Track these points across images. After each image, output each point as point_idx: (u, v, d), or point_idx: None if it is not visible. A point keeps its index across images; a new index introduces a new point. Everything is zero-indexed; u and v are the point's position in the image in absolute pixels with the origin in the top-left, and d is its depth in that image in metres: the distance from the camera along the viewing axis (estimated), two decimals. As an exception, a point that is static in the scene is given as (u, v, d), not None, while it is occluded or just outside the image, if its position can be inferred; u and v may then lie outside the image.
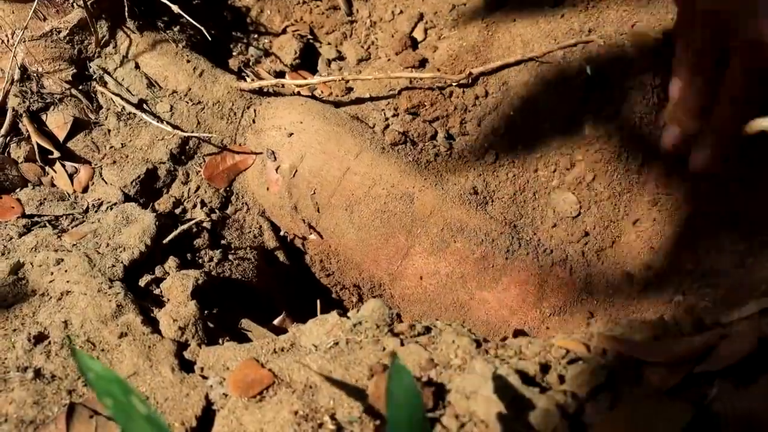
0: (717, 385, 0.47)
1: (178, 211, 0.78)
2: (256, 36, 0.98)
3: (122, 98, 0.81)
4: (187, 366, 0.57)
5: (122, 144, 0.81)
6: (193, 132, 0.81)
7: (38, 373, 0.55)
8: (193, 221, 0.72)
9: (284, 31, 0.98)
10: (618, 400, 0.47)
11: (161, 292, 0.66)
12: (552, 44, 0.83)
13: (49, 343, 0.58)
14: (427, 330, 0.56)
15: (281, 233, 0.81)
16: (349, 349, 0.53)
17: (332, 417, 0.49)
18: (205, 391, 0.53)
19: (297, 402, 0.50)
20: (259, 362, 0.54)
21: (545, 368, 0.51)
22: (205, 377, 0.55)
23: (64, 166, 0.78)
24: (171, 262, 0.69)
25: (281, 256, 0.80)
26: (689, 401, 0.47)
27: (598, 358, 0.52)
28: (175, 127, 0.80)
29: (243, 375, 0.53)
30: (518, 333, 0.72)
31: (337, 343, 0.54)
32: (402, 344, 0.53)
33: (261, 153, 0.82)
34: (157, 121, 0.79)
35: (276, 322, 0.70)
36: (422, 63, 0.91)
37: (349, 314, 0.57)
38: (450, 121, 0.85)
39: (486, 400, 0.47)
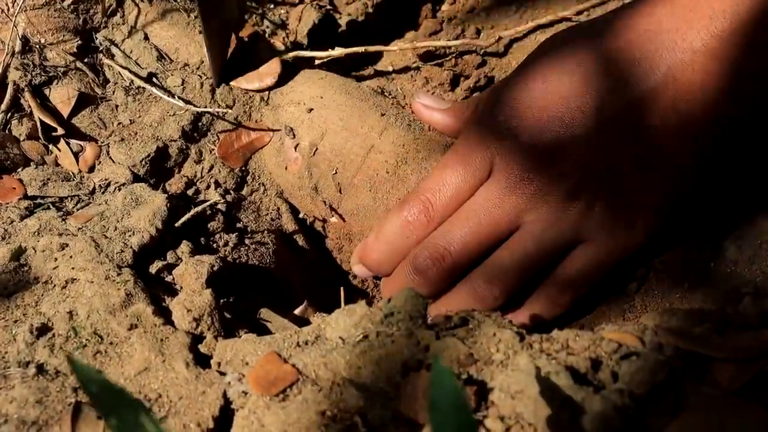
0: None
1: (190, 192, 0.74)
2: (272, 6, 0.94)
3: (131, 71, 0.76)
4: (202, 360, 0.53)
5: (131, 120, 0.76)
6: (206, 107, 0.76)
7: (41, 369, 0.51)
8: (208, 203, 0.68)
9: (301, 1, 0.93)
10: (682, 401, 0.43)
11: (173, 279, 0.62)
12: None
13: (53, 335, 0.54)
14: (464, 322, 0.52)
15: (300, 216, 0.77)
16: (380, 343, 0.49)
17: (363, 418, 0.44)
18: (223, 388, 0.49)
19: (324, 401, 0.46)
20: (282, 357, 0.50)
21: (596, 364, 0.47)
22: (222, 373, 0.51)
23: (68, 143, 0.74)
24: (184, 247, 0.65)
25: (300, 240, 0.76)
26: (762, 402, 0.42)
27: (656, 353, 0.47)
28: (187, 102, 0.75)
29: (264, 371, 0.49)
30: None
31: (366, 337, 0.50)
32: (438, 337, 0.49)
33: (278, 130, 0.78)
34: (168, 96, 0.74)
35: (297, 311, 0.66)
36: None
37: (379, 304, 0.53)
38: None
39: (534, 400, 0.43)
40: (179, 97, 0.75)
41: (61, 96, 0.75)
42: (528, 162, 0.62)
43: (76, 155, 0.73)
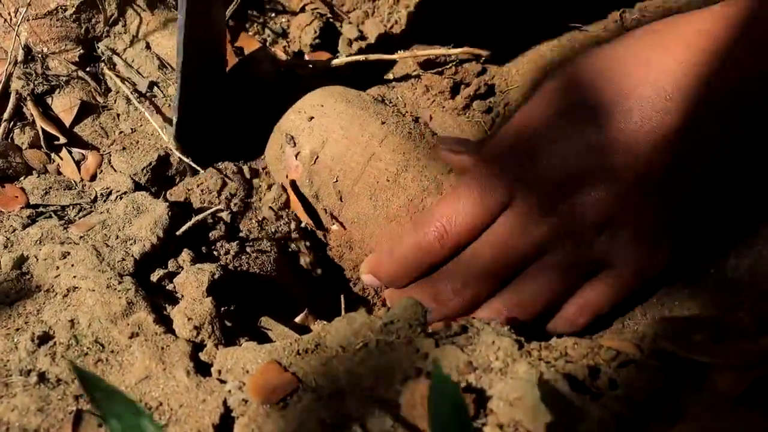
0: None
1: (193, 199, 0.74)
2: (273, 15, 0.94)
3: (131, 82, 0.77)
4: (203, 369, 0.53)
5: (132, 129, 0.77)
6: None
7: (42, 377, 0.51)
8: (209, 211, 0.68)
9: (302, 10, 0.94)
10: (680, 409, 0.43)
11: (175, 287, 0.62)
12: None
13: (55, 343, 0.54)
14: (464, 329, 0.52)
15: (301, 224, 0.77)
16: (380, 352, 0.49)
17: (363, 426, 0.45)
18: (223, 396, 0.50)
19: (324, 410, 0.46)
20: (282, 365, 0.50)
21: (594, 372, 0.47)
22: (222, 381, 0.51)
23: (70, 152, 0.74)
24: (185, 256, 0.65)
25: (301, 247, 0.76)
26: (760, 410, 0.42)
27: (654, 360, 0.47)
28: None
29: (264, 379, 0.49)
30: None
31: (366, 345, 0.50)
32: (437, 345, 0.49)
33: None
34: (154, 115, 0.75)
35: (298, 319, 0.66)
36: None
37: (378, 313, 0.53)
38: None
39: (532, 407, 0.43)
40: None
41: (63, 105, 0.75)
42: (552, 192, 0.62)
43: (77, 164, 0.74)
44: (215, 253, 0.69)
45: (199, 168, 0.75)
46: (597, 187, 0.61)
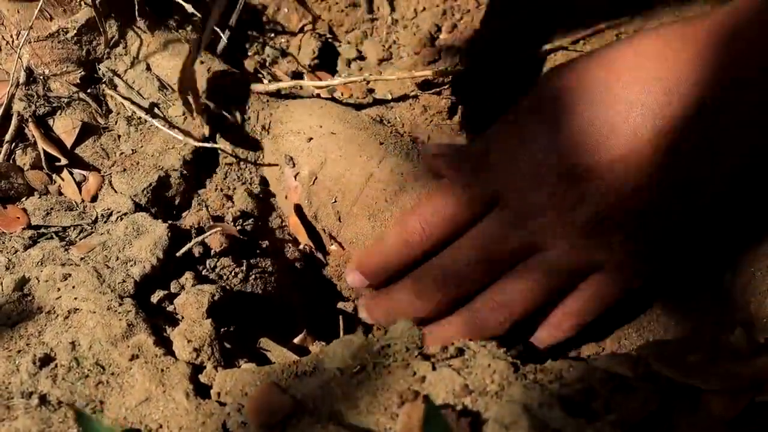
0: (782, 415, 0.43)
1: (197, 219, 0.75)
2: (272, 35, 0.95)
3: (132, 102, 0.77)
4: (202, 391, 0.54)
5: (133, 150, 0.77)
6: (208, 144, 0.77)
7: (44, 399, 0.52)
8: (209, 234, 0.68)
9: (302, 30, 0.94)
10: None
11: (175, 309, 0.63)
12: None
13: (56, 366, 0.55)
14: (460, 352, 0.52)
15: (300, 244, 0.77)
16: (377, 374, 0.50)
17: (360, 449, 0.45)
18: (223, 418, 0.50)
19: (322, 432, 0.47)
20: (280, 387, 0.51)
21: (590, 395, 0.47)
22: (222, 403, 0.52)
23: (71, 173, 0.75)
24: (187, 276, 0.65)
25: (301, 267, 0.76)
26: (753, 434, 0.43)
27: (648, 383, 0.48)
28: (186, 134, 0.76)
29: (263, 401, 0.50)
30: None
31: (363, 367, 0.50)
32: (434, 368, 0.50)
33: (276, 165, 0.79)
34: (169, 128, 0.75)
35: (296, 340, 0.67)
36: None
37: (375, 335, 0.54)
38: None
39: (527, 431, 0.43)
40: (180, 129, 0.76)
41: (65, 126, 0.76)
42: (542, 191, 0.61)
43: (78, 185, 0.74)
44: (217, 274, 0.69)
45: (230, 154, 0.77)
46: (588, 192, 0.61)
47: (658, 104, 0.58)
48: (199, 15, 0.79)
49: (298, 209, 0.77)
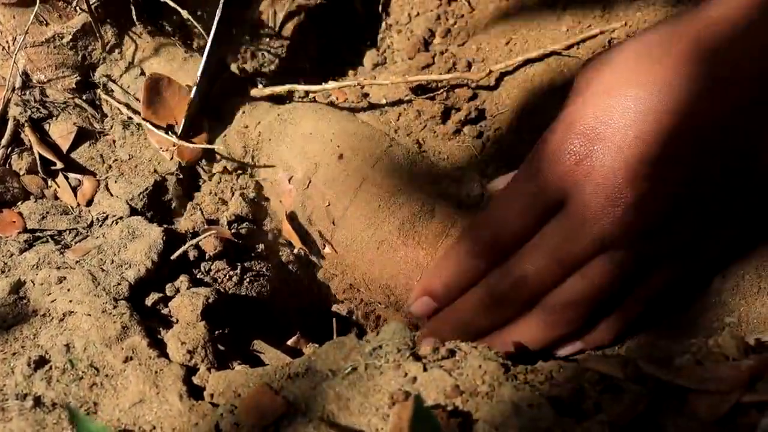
0: (768, 415, 0.43)
1: (193, 224, 0.75)
2: (267, 40, 0.95)
3: (128, 107, 0.78)
4: (196, 392, 0.54)
5: (128, 154, 0.78)
6: (201, 145, 0.78)
7: (38, 401, 0.52)
8: (203, 237, 0.69)
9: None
10: (662, 432, 0.44)
11: (170, 311, 0.63)
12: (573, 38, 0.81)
13: (51, 368, 0.55)
14: (452, 353, 0.53)
15: (294, 247, 0.78)
16: (369, 375, 0.50)
17: (351, 450, 0.46)
18: (215, 420, 0.50)
19: (313, 433, 0.47)
20: (273, 389, 0.51)
21: (579, 395, 0.48)
22: (215, 405, 0.52)
23: (67, 178, 0.75)
24: (182, 279, 0.66)
25: (295, 270, 0.77)
26: (739, 433, 0.43)
27: (637, 384, 0.48)
28: (181, 137, 0.77)
29: (256, 403, 0.50)
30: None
31: (355, 369, 0.51)
32: (425, 369, 0.50)
33: (273, 166, 0.79)
34: (163, 132, 0.75)
35: (290, 342, 0.67)
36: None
37: (367, 337, 0.54)
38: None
39: (517, 431, 0.44)
40: (173, 133, 0.77)
41: (61, 131, 0.76)
42: (609, 192, 0.61)
43: (74, 189, 0.75)
44: (211, 277, 0.70)
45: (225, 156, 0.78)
46: (657, 187, 0.60)
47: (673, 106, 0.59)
48: (192, 20, 0.79)
49: (291, 217, 0.77)
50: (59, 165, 0.75)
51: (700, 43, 0.59)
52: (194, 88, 0.77)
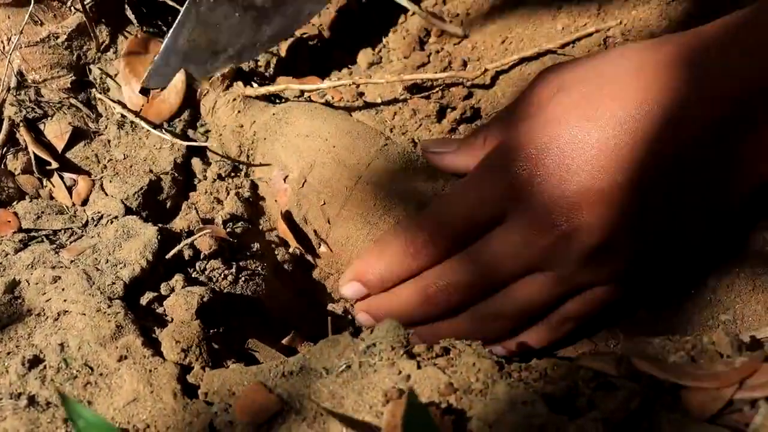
0: (761, 412, 0.44)
1: (188, 223, 0.75)
2: (262, 40, 0.95)
3: (123, 106, 0.78)
4: (190, 391, 0.54)
5: (124, 154, 0.78)
6: (195, 141, 0.78)
7: (32, 400, 0.52)
8: (198, 236, 0.69)
9: (292, 35, 0.95)
10: (655, 429, 0.44)
11: (165, 310, 0.63)
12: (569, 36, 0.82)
13: (45, 367, 0.55)
14: (446, 351, 0.53)
15: (290, 246, 0.78)
16: (363, 373, 0.50)
17: (345, 448, 0.45)
18: (210, 418, 0.50)
19: (307, 431, 0.47)
20: (267, 387, 0.51)
21: (573, 393, 0.48)
22: (209, 403, 0.52)
23: (62, 177, 0.75)
24: (177, 278, 0.66)
25: (290, 269, 0.77)
26: (731, 430, 0.43)
27: (631, 381, 0.48)
28: (176, 136, 0.77)
29: (250, 401, 0.50)
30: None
31: (349, 367, 0.51)
32: (419, 367, 0.50)
33: (269, 165, 0.79)
34: (158, 131, 0.76)
35: (285, 341, 0.67)
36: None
37: (362, 335, 0.54)
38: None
39: (511, 429, 0.44)
40: (167, 131, 0.77)
41: (56, 131, 0.76)
42: (546, 219, 0.61)
43: (69, 189, 0.75)
44: (206, 276, 0.70)
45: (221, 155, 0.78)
46: (584, 221, 0.60)
47: (633, 121, 0.59)
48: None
49: (287, 216, 0.77)
50: (54, 165, 0.75)
51: (658, 76, 0.60)
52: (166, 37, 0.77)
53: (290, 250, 0.77)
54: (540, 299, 0.65)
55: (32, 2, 0.73)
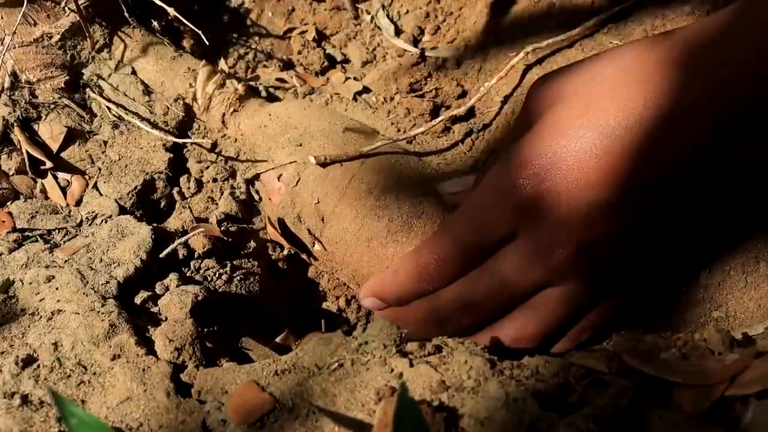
0: (751, 409, 0.44)
1: (183, 222, 0.75)
2: (257, 39, 0.96)
3: (117, 105, 0.78)
4: (183, 390, 0.54)
5: (118, 153, 0.78)
6: (189, 140, 0.78)
7: (26, 400, 0.52)
8: (192, 234, 0.69)
9: (286, 33, 0.95)
10: (646, 425, 0.44)
11: (159, 309, 0.63)
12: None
13: (38, 366, 0.55)
14: (438, 349, 0.53)
15: (284, 244, 0.78)
16: (355, 371, 0.50)
17: (337, 445, 0.46)
18: (203, 417, 0.50)
19: (300, 429, 0.47)
20: (260, 385, 0.51)
21: (565, 390, 0.48)
22: (202, 402, 0.52)
23: (56, 177, 0.75)
24: (171, 277, 0.66)
25: (285, 268, 0.77)
26: (722, 427, 0.43)
27: (622, 378, 0.48)
28: (169, 133, 0.77)
29: (243, 399, 0.50)
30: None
31: (342, 365, 0.51)
32: (411, 365, 0.50)
33: (265, 161, 0.79)
34: (152, 128, 0.76)
35: (278, 339, 0.67)
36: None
37: (354, 333, 0.54)
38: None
39: (502, 426, 0.44)
40: (160, 129, 0.77)
41: (50, 131, 0.76)
42: (564, 223, 0.60)
43: (63, 189, 0.75)
44: (201, 275, 0.70)
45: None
46: (608, 228, 0.59)
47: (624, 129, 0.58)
48: (183, 19, 0.79)
49: (278, 223, 0.77)
50: (48, 165, 0.75)
51: (653, 82, 0.58)
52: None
53: (284, 251, 0.77)
54: (559, 312, 0.64)
55: (25, 2, 0.73)
